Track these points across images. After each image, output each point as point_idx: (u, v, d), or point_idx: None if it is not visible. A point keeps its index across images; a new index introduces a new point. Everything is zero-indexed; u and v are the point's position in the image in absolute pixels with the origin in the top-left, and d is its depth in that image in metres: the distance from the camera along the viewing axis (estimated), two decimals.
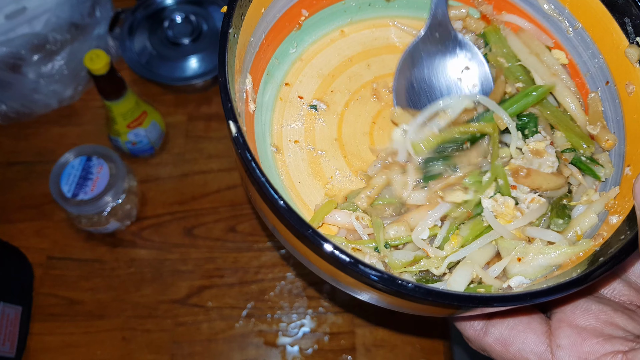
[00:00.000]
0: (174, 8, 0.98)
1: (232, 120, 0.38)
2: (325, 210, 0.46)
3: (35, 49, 0.86)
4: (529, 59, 0.52)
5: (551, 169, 0.46)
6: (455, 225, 0.45)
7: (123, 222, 0.83)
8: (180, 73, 0.93)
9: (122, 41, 0.94)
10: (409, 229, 0.45)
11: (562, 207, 0.46)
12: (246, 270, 0.83)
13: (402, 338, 0.78)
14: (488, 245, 0.44)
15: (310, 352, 0.78)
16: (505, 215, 0.45)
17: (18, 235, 0.84)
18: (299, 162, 0.50)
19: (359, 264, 0.35)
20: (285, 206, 0.35)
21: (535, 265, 0.43)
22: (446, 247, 0.45)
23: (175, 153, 0.91)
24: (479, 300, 0.36)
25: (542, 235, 0.44)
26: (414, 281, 0.42)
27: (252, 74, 0.48)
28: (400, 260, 0.43)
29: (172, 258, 0.83)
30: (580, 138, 0.48)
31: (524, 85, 0.51)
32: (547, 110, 0.50)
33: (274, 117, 0.51)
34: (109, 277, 0.82)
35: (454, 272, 0.42)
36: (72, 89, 0.92)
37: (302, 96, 0.52)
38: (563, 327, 0.40)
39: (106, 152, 0.79)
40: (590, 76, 0.50)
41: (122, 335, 0.78)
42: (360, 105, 0.53)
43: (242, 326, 0.79)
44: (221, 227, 0.85)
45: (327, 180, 0.49)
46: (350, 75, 0.54)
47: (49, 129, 0.92)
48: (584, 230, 0.45)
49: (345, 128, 0.52)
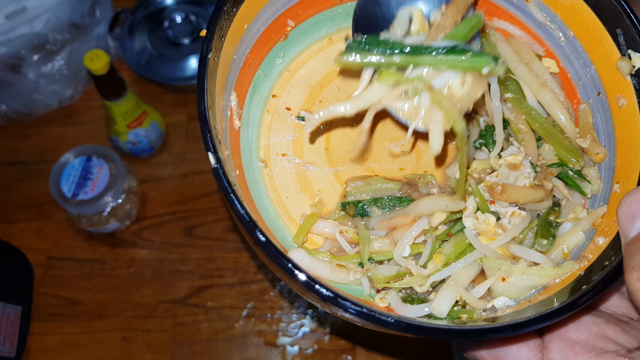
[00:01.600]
0: (174, 8, 0.98)
1: (211, 151, 0.37)
2: (308, 224, 0.46)
3: (35, 49, 0.86)
4: (519, 67, 0.50)
5: (528, 179, 0.46)
6: (438, 243, 0.45)
7: (123, 222, 0.83)
8: (180, 73, 0.93)
9: (122, 41, 0.94)
10: (393, 244, 0.45)
11: (547, 226, 0.45)
12: (246, 270, 0.83)
13: (402, 338, 0.78)
14: (472, 264, 0.44)
15: (310, 352, 0.77)
16: (488, 233, 0.45)
17: (18, 235, 0.84)
18: (286, 175, 0.49)
19: (338, 297, 0.35)
20: (264, 240, 0.36)
21: (520, 286, 0.42)
22: (429, 265, 0.44)
23: (175, 153, 0.91)
24: (460, 333, 0.36)
25: (527, 255, 0.44)
26: (398, 300, 0.42)
27: (237, 90, 0.47)
28: (383, 274, 0.44)
29: (172, 258, 0.83)
30: (569, 152, 0.47)
31: (514, 96, 0.50)
32: (535, 122, 0.49)
33: (261, 131, 0.50)
34: (109, 277, 0.82)
35: (438, 295, 0.42)
36: (72, 89, 0.92)
37: (289, 107, 0.51)
38: (555, 341, 0.40)
39: (106, 152, 0.79)
40: (582, 85, 0.49)
41: (122, 335, 0.78)
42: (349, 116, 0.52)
43: (242, 326, 0.79)
44: (221, 227, 0.85)
45: (314, 194, 0.49)
46: (339, 85, 0.53)
47: (49, 129, 0.92)
48: (571, 249, 0.44)
49: (333, 139, 0.51)
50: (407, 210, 0.46)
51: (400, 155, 0.51)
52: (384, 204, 0.47)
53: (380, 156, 0.51)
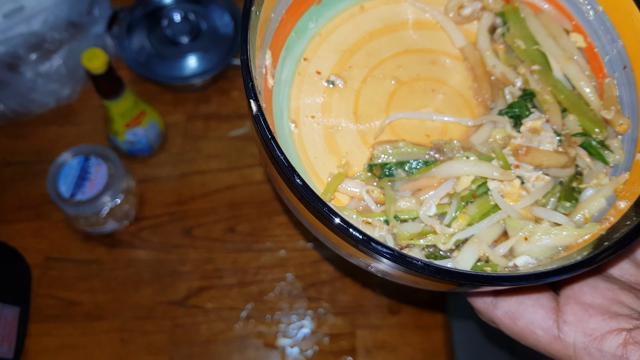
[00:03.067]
0: (173, 7, 0.97)
1: (253, 98, 0.39)
2: (336, 183, 0.47)
3: (33, 48, 0.86)
4: (546, 41, 0.52)
5: (551, 145, 0.47)
6: (463, 204, 0.46)
7: (121, 223, 0.83)
8: (179, 72, 0.92)
9: (121, 40, 0.94)
10: (419, 203, 0.46)
11: (570, 190, 0.46)
12: (245, 271, 0.82)
13: (403, 339, 0.78)
14: (496, 224, 0.45)
15: (310, 353, 0.77)
16: (512, 195, 0.45)
17: (15, 235, 0.83)
18: (315, 137, 0.50)
19: (371, 241, 0.36)
20: (301, 183, 0.37)
21: (542, 246, 0.43)
22: (454, 224, 0.45)
23: (173, 153, 0.90)
24: (484, 279, 0.37)
25: (549, 216, 0.44)
26: (422, 257, 0.44)
27: (272, 50, 0.48)
28: (409, 231, 0.44)
29: (171, 259, 0.83)
30: (593, 123, 0.48)
31: (540, 68, 0.51)
32: (561, 93, 0.50)
33: (291, 93, 0.51)
34: (107, 278, 0.81)
35: (462, 250, 0.43)
36: (70, 88, 0.91)
37: (319, 71, 0.52)
38: (570, 304, 0.41)
39: (104, 152, 0.79)
40: (609, 60, 0.50)
41: (121, 337, 0.78)
42: (378, 83, 0.53)
43: (242, 327, 0.79)
44: (220, 228, 0.85)
45: (342, 155, 0.50)
46: (369, 52, 0.54)
47: (47, 129, 0.92)
48: (592, 214, 0.45)
49: (362, 105, 0.52)
50: (437, 171, 0.47)
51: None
52: (411, 167, 0.48)
53: (408, 122, 0.52)
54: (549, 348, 0.42)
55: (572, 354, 0.40)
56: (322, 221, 0.38)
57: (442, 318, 0.79)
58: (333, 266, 0.82)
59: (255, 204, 0.86)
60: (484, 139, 0.49)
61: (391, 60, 0.54)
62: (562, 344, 0.41)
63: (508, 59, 0.54)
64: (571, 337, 0.40)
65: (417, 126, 0.51)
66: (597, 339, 0.39)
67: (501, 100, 0.52)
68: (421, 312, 0.80)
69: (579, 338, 0.40)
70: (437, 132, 0.51)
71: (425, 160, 0.48)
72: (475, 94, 0.53)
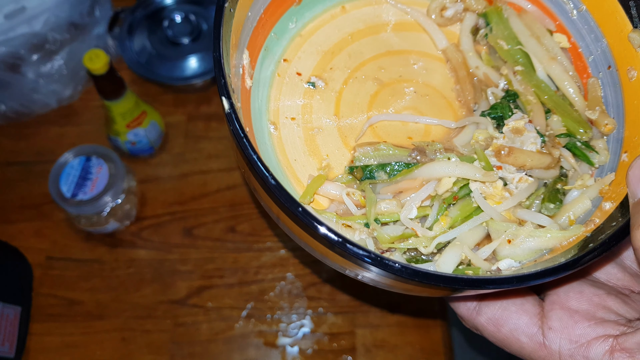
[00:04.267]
0: (174, 7, 0.98)
1: (225, 96, 0.37)
2: (315, 185, 0.45)
3: (34, 48, 0.86)
4: (529, 41, 0.51)
5: (534, 145, 0.46)
6: (445, 207, 0.45)
7: (122, 222, 0.83)
8: (179, 73, 0.92)
9: (122, 41, 0.94)
10: (400, 206, 0.45)
11: (554, 192, 0.46)
12: (246, 271, 0.82)
13: (403, 338, 0.78)
14: (478, 227, 0.44)
15: (310, 352, 0.77)
16: (494, 197, 0.45)
17: (17, 235, 0.84)
18: (295, 139, 0.49)
19: (347, 243, 0.35)
20: (275, 184, 0.36)
21: (525, 248, 0.42)
22: (435, 227, 0.44)
23: (174, 153, 0.90)
24: (465, 282, 0.36)
25: (533, 218, 0.44)
26: (403, 261, 0.42)
27: (250, 49, 0.47)
28: (389, 234, 0.43)
29: (172, 258, 0.83)
30: (577, 123, 0.48)
31: (523, 69, 0.50)
32: (544, 94, 0.50)
33: (271, 94, 0.50)
34: (108, 277, 0.82)
35: (443, 253, 0.42)
36: (71, 88, 0.92)
37: (300, 73, 0.52)
38: (555, 310, 0.40)
39: (105, 152, 0.79)
40: (593, 60, 0.50)
41: (122, 336, 0.78)
42: (359, 84, 0.52)
43: (242, 327, 0.79)
44: (221, 228, 0.85)
45: (323, 158, 0.49)
46: (350, 53, 0.53)
47: (48, 129, 0.92)
48: (577, 216, 0.45)
49: (343, 106, 0.51)
50: (419, 172, 0.46)
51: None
52: (392, 169, 0.47)
53: (390, 124, 0.51)
54: (534, 355, 0.41)
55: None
56: (298, 223, 0.37)
57: (442, 317, 0.79)
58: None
59: (255, 203, 0.87)
60: (467, 140, 0.49)
61: (373, 61, 0.54)
62: (547, 350, 0.40)
63: (491, 60, 0.54)
64: (556, 344, 0.39)
65: (399, 128, 0.51)
66: (583, 346, 0.38)
67: (484, 101, 0.51)
68: (421, 311, 0.80)
69: (564, 345, 0.39)
70: (420, 134, 0.51)
71: (407, 162, 0.47)
72: (458, 96, 0.53)
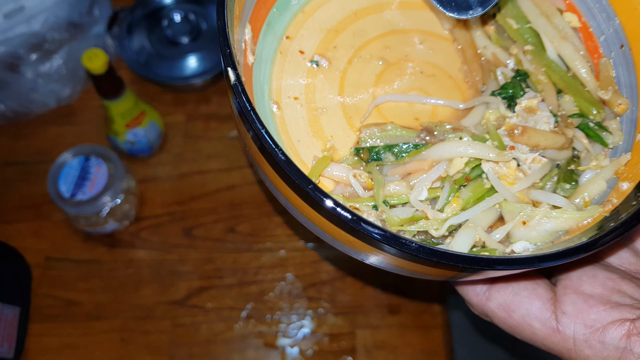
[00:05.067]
0: (173, 7, 0.97)
1: (231, 67, 0.35)
2: (320, 167, 0.44)
3: (33, 48, 0.86)
4: (539, 20, 0.50)
5: (547, 125, 0.45)
6: (456, 188, 0.43)
7: (121, 223, 0.83)
8: (179, 72, 0.92)
9: (121, 40, 0.94)
10: (409, 187, 0.43)
11: (569, 172, 0.44)
12: (245, 271, 0.82)
13: (403, 339, 0.78)
14: (491, 209, 0.42)
15: (310, 353, 0.77)
16: (508, 177, 0.43)
17: (16, 235, 0.83)
18: (298, 119, 0.47)
19: (361, 221, 0.33)
20: (285, 159, 0.34)
21: (541, 230, 0.41)
22: (447, 209, 0.43)
23: (174, 153, 0.90)
24: (486, 262, 0.34)
25: (549, 199, 0.42)
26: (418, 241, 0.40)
27: (252, 24, 0.45)
28: (398, 216, 0.42)
29: (171, 259, 0.83)
30: (590, 103, 0.47)
31: (533, 48, 0.49)
32: (555, 74, 0.48)
33: (273, 72, 0.48)
34: (107, 278, 0.81)
35: (457, 235, 0.41)
36: (70, 88, 0.91)
37: (303, 51, 0.50)
38: (569, 294, 0.39)
39: (105, 152, 0.79)
40: (605, 40, 0.49)
41: (121, 337, 0.78)
42: (364, 63, 0.51)
43: (242, 327, 0.79)
44: (220, 228, 0.85)
45: (327, 139, 0.47)
46: (355, 31, 0.51)
47: (47, 129, 0.92)
48: (592, 197, 0.43)
49: (347, 86, 0.50)
50: (429, 153, 0.44)
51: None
52: (400, 150, 0.45)
53: (396, 105, 0.49)
54: (547, 341, 0.40)
55: (572, 346, 0.38)
56: (309, 202, 0.35)
57: (442, 318, 0.79)
58: (333, 266, 0.82)
59: (255, 204, 0.86)
60: (476, 121, 0.47)
61: (378, 40, 0.52)
62: (560, 336, 0.39)
63: (499, 39, 0.52)
64: (571, 329, 0.38)
65: (406, 109, 0.49)
66: (599, 331, 0.37)
67: (493, 82, 0.50)
68: (421, 312, 0.80)
69: (579, 330, 0.38)
70: (427, 116, 0.49)
71: (415, 143, 0.46)
72: (466, 76, 0.51)
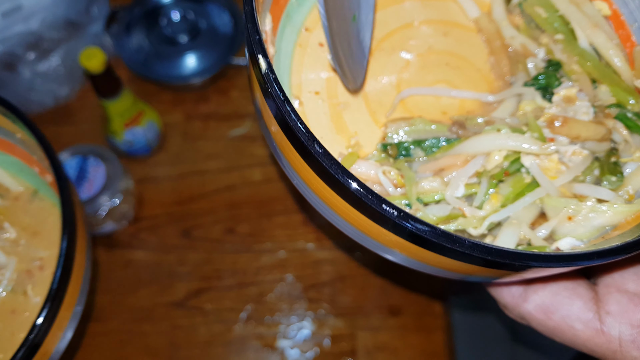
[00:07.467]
0: (172, 5, 0.97)
1: (262, 54, 0.33)
2: (347, 164, 0.42)
3: (30, 47, 0.85)
4: (569, 8, 0.48)
5: (587, 115, 0.43)
6: (494, 183, 0.41)
7: (120, 223, 0.82)
8: (177, 71, 0.92)
9: (119, 39, 0.93)
10: (443, 184, 0.41)
11: (613, 164, 0.43)
12: (245, 272, 0.82)
13: (404, 341, 0.77)
14: (531, 205, 0.41)
15: (310, 355, 0.76)
16: (549, 171, 0.41)
17: None
18: (320, 115, 0.46)
19: (409, 218, 0.31)
20: (321, 151, 0.32)
21: (588, 225, 0.39)
22: (485, 206, 0.41)
23: (172, 153, 0.90)
24: (542, 258, 0.32)
25: (595, 192, 0.40)
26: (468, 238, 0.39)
27: (272, 13, 0.44)
28: (435, 214, 0.40)
29: (170, 260, 0.82)
30: (627, 93, 0.45)
31: (564, 37, 0.47)
32: (587, 61, 0.46)
33: (293, 66, 0.47)
34: (105, 279, 0.81)
35: (500, 233, 0.39)
36: (68, 87, 0.91)
37: (322, 44, 0.48)
38: (612, 293, 0.38)
39: (102, 152, 0.78)
40: (638, 27, 0.47)
41: (119, 338, 0.77)
42: (387, 56, 0.49)
43: (241, 329, 0.78)
44: (219, 229, 0.84)
45: (351, 135, 0.46)
46: (376, 23, 0.49)
47: (45, 128, 0.89)
48: (636, 190, 0.41)
49: (370, 80, 0.48)
50: (463, 147, 0.42)
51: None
52: (431, 145, 0.43)
53: (422, 99, 0.48)
54: (590, 343, 0.38)
55: (617, 348, 0.37)
56: (348, 197, 0.33)
57: (444, 320, 0.78)
58: (333, 267, 0.82)
59: (254, 204, 0.86)
60: (508, 114, 0.45)
61: (400, 31, 0.50)
62: (605, 337, 0.37)
63: (528, 29, 0.50)
64: (616, 330, 0.37)
65: (432, 103, 0.47)
66: None
67: (522, 73, 0.48)
68: (422, 313, 0.79)
69: (625, 330, 0.36)
70: (455, 109, 0.47)
71: (446, 137, 0.43)
72: (493, 68, 0.50)
